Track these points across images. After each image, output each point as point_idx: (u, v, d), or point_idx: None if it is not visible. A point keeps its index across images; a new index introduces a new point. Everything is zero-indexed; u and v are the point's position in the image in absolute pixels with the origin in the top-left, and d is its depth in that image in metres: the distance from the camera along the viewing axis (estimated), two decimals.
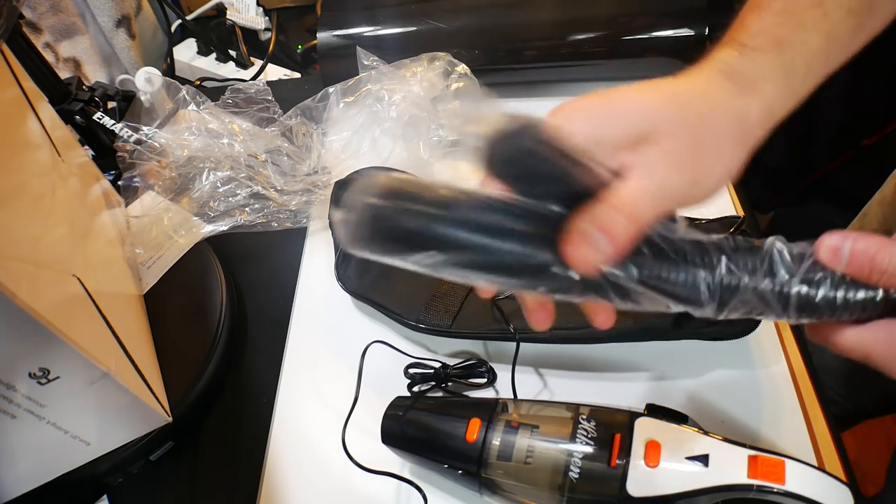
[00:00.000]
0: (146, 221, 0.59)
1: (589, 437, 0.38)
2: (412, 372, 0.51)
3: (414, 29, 0.73)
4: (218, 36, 0.89)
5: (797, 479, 0.34)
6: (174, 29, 0.90)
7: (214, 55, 0.89)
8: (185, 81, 0.80)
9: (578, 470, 0.37)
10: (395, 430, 0.44)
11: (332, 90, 0.67)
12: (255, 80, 0.85)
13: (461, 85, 0.66)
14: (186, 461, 0.51)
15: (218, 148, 0.62)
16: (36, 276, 0.34)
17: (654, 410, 0.40)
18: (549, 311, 0.32)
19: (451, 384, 0.51)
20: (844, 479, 0.44)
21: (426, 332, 0.52)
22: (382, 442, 0.44)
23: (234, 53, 0.89)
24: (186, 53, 0.90)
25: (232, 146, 0.62)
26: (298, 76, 0.87)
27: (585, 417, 0.39)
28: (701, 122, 0.28)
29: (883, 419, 0.91)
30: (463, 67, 0.66)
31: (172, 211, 0.60)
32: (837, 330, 0.28)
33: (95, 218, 0.52)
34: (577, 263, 0.26)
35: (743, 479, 0.34)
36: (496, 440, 0.40)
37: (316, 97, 0.67)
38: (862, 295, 0.26)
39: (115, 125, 0.63)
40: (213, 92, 0.74)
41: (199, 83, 0.87)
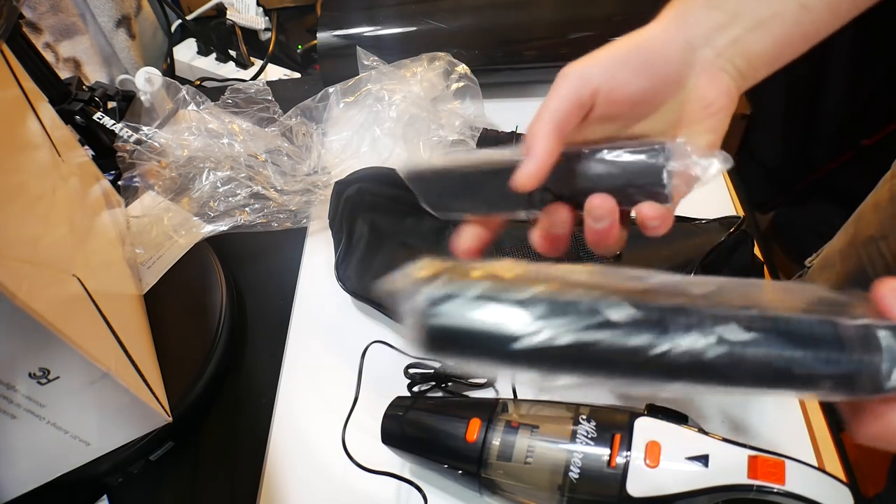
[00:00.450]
0: (146, 221, 0.59)
1: (589, 437, 0.38)
2: (412, 372, 0.51)
3: (414, 29, 0.73)
4: (218, 36, 0.89)
5: (797, 479, 0.34)
6: (174, 29, 0.90)
7: (214, 55, 0.89)
8: (185, 81, 0.80)
9: (578, 470, 0.37)
10: (395, 430, 0.44)
11: (332, 90, 0.67)
12: (255, 80, 0.85)
13: (461, 85, 0.66)
14: (186, 461, 0.51)
15: (218, 148, 0.62)
16: (36, 276, 0.34)
17: (654, 410, 0.39)
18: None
19: (450, 384, 0.51)
20: (844, 479, 0.44)
21: None
22: (382, 442, 0.44)
23: (234, 53, 0.89)
24: (186, 53, 0.90)
25: (232, 146, 0.62)
26: (298, 76, 0.87)
27: (585, 417, 0.39)
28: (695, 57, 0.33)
29: None
30: (463, 67, 0.67)
31: (172, 211, 0.60)
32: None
33: (95, 218, 0.52)
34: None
35: (743, 479, 0.34)
36: (496, 440, 0.40)
37: (316, 97, 0.67)
38: None
39: (115, 125, 0.63)
40: (213, 92, 0.74)
41: (199, 83, 0.87)
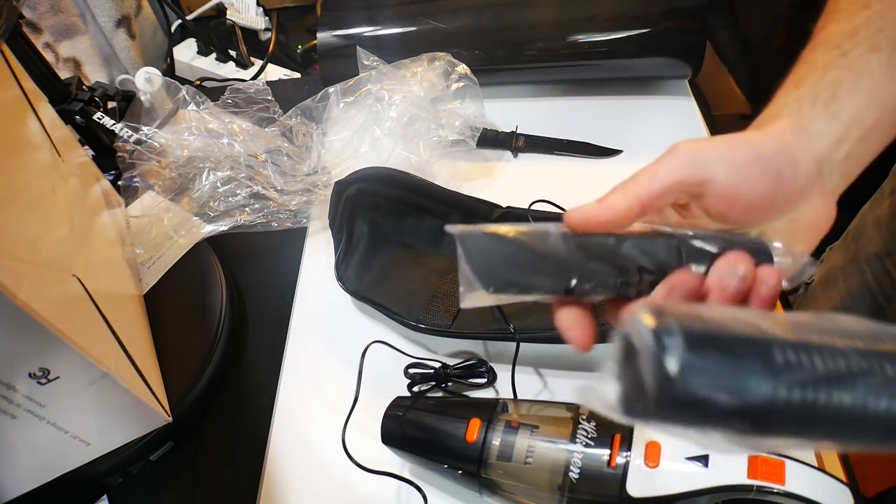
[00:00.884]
0: (146, 221, 0.59)
1: (589, 437, 0.38)
2: (412, 372, 0.51)
3: (414, 29, 0.73)
4: (218, 36, 0.89)
5: (797, 479, 0.34)
6: (174, 29, 0.90)
7: (214, 55, 0.89)
8: (185, 81, 0.80)
9: (578, 470, 0.37)
10: (395, 430, 0.44)
11: (332, 90, 0.67)
12: (255, 80, 0.85)
13: (461, 85, 0.66)
14: (186, 461, 0.51)
15: (218, 148, 0.62)
16: (36, 276, 0.34)
17: None
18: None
19: (451, 384, 0.51)
20: (844, 479, 0.44)
21: (426, 332, 0.52)
22: (382, 442, 0.44)
23: (234, 53, 0.89)
24: (186, 53, 0.90)
25: (232, 146, 0.62)
26: (298, 76, 0.87)
27: (585, 417, 0.39)
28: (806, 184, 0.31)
29: None
30: (463, 68, 0.66)
31: (172, 211, 0.60)
32: None
33: (95, 218, 0.52)
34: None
35: (743, 479, 0.34)
36: (496, 440, 0.40)
37: (316, 97, 0.67)
38: None
39: (115, 125, 0.63)
40: (213, 92, 0.74)
41: (199, 83, 0.86)
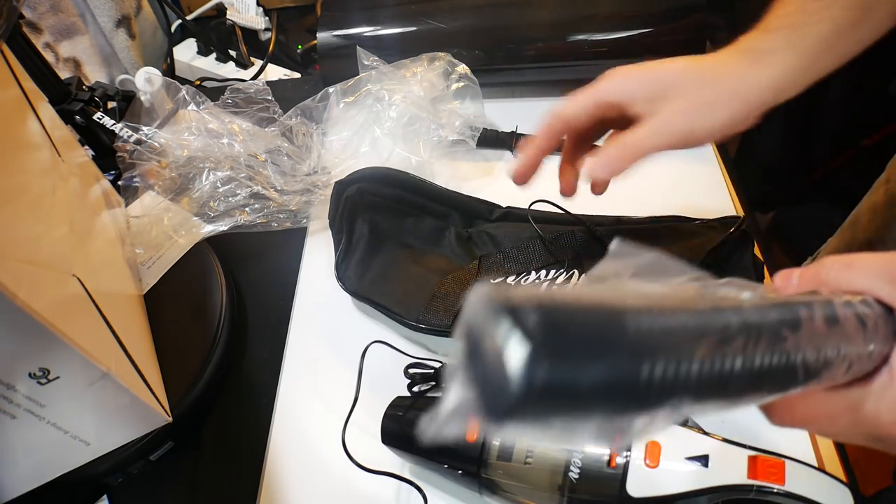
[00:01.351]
0: (146, 221, 0.59)
1: None
2: (412, 372, 0.51)
3: (414, 29, 0.73)
4: (218, 36, 0.89)
5: (797, 479, 0.34)
6: (174, 29, 0.90)
7: (214, 55, 0.89)
8: (185, 81, 0.80)
9: (578, 470, 0.37)
10: (394, 430, 0.44)
11: (331, 90, 0.67)
12: (255, 80, 0.85)
13: (461, 85, 0.66)
14: (186, 461, 0.51)
15: (218, 148, 0.62)
16: (36, 276, 0.34)
17: None
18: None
19: None
20: (844, 479, 0.44)
21: (426, 332, 0.52)
22: (382, 442, 0.44)
23: (234, 53, 0.89)
24: (186, 53, 0.90)
25: (232, 146, 0.62)
26: (298, 76, 0.87)
27: None
28: (702, 82, 0.37)
29: None
30: (463, 68, 0.67)
31: (172, 211, 0.60)
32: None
33: (95, 218, 0.52)
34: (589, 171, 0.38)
35: (743, 479, 0.34)
36: (496, 440, 0.40)
37: (316, 97, 0.67)
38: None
39: (115, 125, 0.63)
40: (213, 92, 0.74)
41: (199, 83, 0.87)
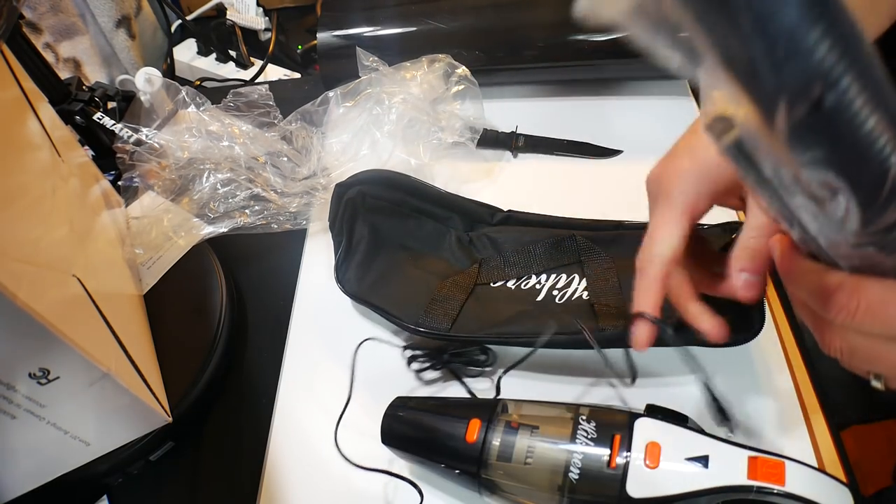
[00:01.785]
0: (146, 222, 0.59)
1: (589, 437, 0.38)
2: (409, 354, 0.51)
3: (414, 29, 0.73)
4: (218, 36, 0.89)
5: (797, 480, 0.34)
6: (174, 29, 0.90)
7: (214, 55, 0.89)
8: (185, 82, 0.80)
9: (578, 471, 0.37)
10: (394, 430, 0.44)
11: (331, 94, 0.66)
12: (254, 80, 0.85)
13: (461, 87, 0.66)
14: (186, 461, 0.51)
15: (218, 150, 0.62)
16: (36, 276, 0.34)
17: (654, 411, 0.39)
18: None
19: (450, 364, 0.51)
20: (844, 479, 0.44)
21: (425, 335, 0.52)
22: (382, 442, 0.44)
23: (234, 54, 0.89)
24: (186, 53, 0.90)
25: (232, 148, 0.62)
26: (298, 76, 0.87)
27: (585, 418, 0.39)
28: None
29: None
30: (463, 70, 0.66)
31: (172, 212, 0.60)
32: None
33: (95, 218, 0.52)
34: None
35: (743, 480, 0.34)
36: (496, 440, 0.40)
37: (316, 101, 0.67)
38: None
39: (114, 125, 0.63)
40: (213, 92, 0.74)
41: (199, 83, 0.87)
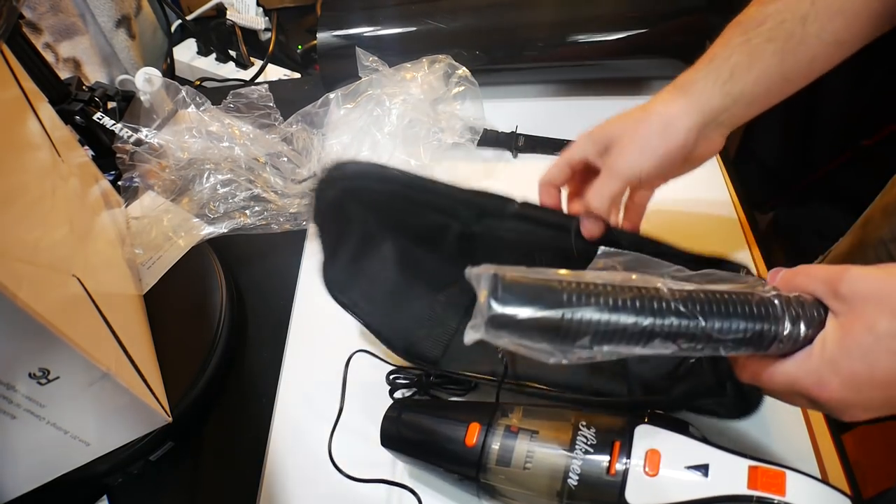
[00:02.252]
0: (146, 222, 0.59)
1: (588, 443, 0.38)
2: (393, 378, 0.50)
3: (414, 29, 0.73)
4: (218, 36, 0.89)
5: (798, 490, 0.33)
6: (174, 29, 0.90)
7: (214, 55, 0.89)
8: (185, 81, 0.80)
9: (577, 477, 0.37)
10: (393, 432, 0.44)
11: (332, 96, 0.66)
12: (254, 80, 0.85)
13: (461, 88, 0.66)
14: (186, 461, 0.51)
15: (218, 150, 0.62)
16: (36, 276, 0.34)
17: (654, 418, 0.39)
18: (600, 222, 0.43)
19: (432, 390, 0.50)
20: (845, 479, 0.44)
21: (416, 364, 0.50)
22: (381, 444, 0.44)
23: (234, 53, 0.89)
24: (186, 53, 0.90)
25: (232, 149, 0.62)
26: (298, 76, 0.87)
27: (585, 424, 0.39)
28: (635, 125, 0.43)
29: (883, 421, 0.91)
30: (463, 70, 0.66)
31: (172, 212, 0.60)
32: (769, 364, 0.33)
33: (95, 218, 0.52)
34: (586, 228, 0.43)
35: (743, 489, 0.34)
36: (495, 445, 0.40)
37: (316, 103, 0.66)
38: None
39: (114, 125, 0.63)
40: (212, 92, 0.74)
41: (198, 83, 0.86)
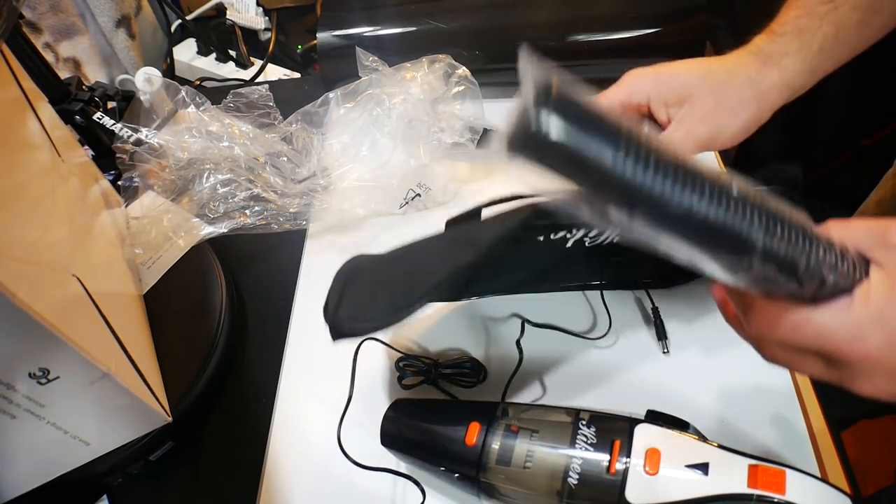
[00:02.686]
0: (146, 222, 0.59)
1: (588, 442, 0.38)
2: (403, 365, 0.51)
3: (414, 29, 0.73)
4: (218, 36, 0.89)
5: (798, 489, 0.33)
6: (174, 29, 0.90)
7: (214, 55, 0.89)
8: (184, 81, 0.80)
9: (577, 476, 0.37)
10: (394, 432, 0.44)
11: (332, 95, 0.66)
12: (254, 79, 0.85)
13: (461, 88, 0.66)
14: (186, 461, 0.51)
15: (218, 150, 0.62)
16: (36, 276, 0.34)
17: (654, 417, 0.39)
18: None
19: (440, 381, 0.51)
20: (845, 478, 0.44)
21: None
22: (382, 444, 0.44)
23: (233, 53, 0.89)
24: (186, 53, 0.90)
25: (232, 148, 0.62)
26: (298, 76, 0.87)
27: (585, 423, 0.39)
28: (723, 88, 0.39)
29: (882, 419, 0.92)
30: (463, 70, 0.66)
31: (172, 212, 0.60)
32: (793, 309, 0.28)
33: (95, 218, 0.52)
34: None
35: (743, 488, 0.34)
36: (495, 444, 0.40)
37: (316, 103, 0.66)
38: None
39: (114, 125, 0.63)
40: (212, 92, 0.74)
41: (198, 83, 0.86)
